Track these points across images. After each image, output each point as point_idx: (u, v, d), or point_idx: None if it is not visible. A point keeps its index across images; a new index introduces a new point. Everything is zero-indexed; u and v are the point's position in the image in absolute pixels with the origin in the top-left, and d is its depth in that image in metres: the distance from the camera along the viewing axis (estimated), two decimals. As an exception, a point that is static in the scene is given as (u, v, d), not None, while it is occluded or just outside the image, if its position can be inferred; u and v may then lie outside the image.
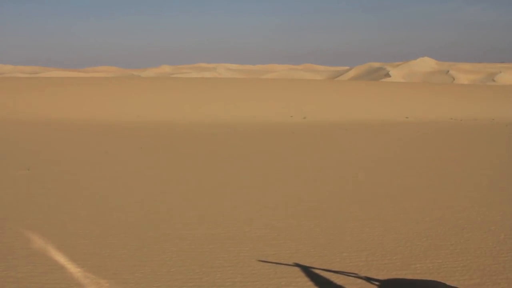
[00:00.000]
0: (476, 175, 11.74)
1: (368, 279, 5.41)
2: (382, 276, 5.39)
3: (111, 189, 10.12)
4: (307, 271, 5.69)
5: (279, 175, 11.85)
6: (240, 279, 5.36)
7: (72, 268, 5.61)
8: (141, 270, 5.59)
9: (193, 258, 6.00)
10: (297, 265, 5.89)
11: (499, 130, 24.59)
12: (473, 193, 9.57)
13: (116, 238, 6.77)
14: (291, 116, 28.50)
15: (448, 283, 5.19)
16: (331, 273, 5.44)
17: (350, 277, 5.35)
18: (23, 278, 5.36)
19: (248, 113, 30.85)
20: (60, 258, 5.92)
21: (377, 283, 5.31)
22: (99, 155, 14.98)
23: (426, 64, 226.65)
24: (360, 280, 5.28)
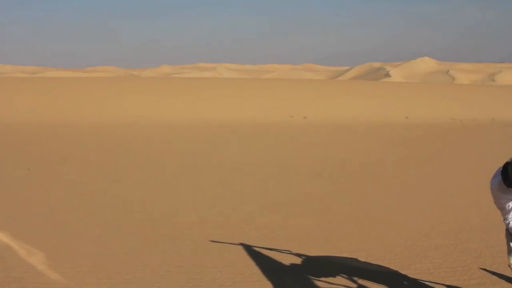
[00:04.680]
0: (476, 175, 11.74)
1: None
2: (382, 276, 5.39)
3: (111, 189, 10.12)
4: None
5: (279, 175, 11.85)
6: (240, 279, 5.36)
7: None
8: (141, 270, 5.59)
9: (193, 258, 6.00)
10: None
11: (499, 130, 24.59)
12: (473, 193, 9.57)
13: (116, 238, 6.77)
14: (291, 116, 28.49)
15: (448, 283, 5.19)
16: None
17: (353, 273, 5.35)
18: (23, 278, 5.35)
19: (248, 113, 30.84)
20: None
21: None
22: (100, 155, 14.98)
23: (426, 64, 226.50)
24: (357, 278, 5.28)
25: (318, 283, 5.22)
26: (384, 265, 5.77)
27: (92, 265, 5.74)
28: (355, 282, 5.22)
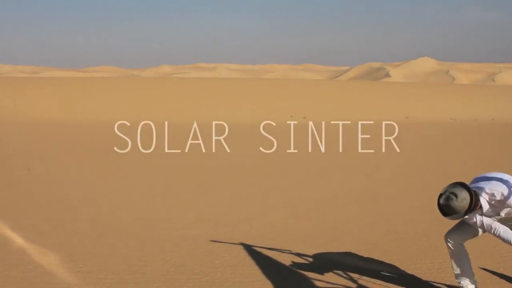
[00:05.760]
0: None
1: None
2: (383, 275, 5.39)
3: (111, 189, 10.13)
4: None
5: (279, 175, 11.86)
6: (240, 279, 5.36)
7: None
8: (141, 270, 5.59)
9: (193, 258, 6.00)
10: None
11: (499, 130, 24.59)
12: (473, 193, 9.56)
13: (116, 238, 6.77)
14: (291, 116, 28.50)
15: (448, 283, 5.19)
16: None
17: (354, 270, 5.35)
18: (23, 278, 5.35)
19: (248, 112, 30.85)
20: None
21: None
22: (99, 154, 14.98)
23: (426, 64, 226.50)
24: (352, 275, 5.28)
25: (318, 283, 5.22)
26: (384, 265, 5.78)
27: (92, 265, 5.74)
28: (355, 282, 5.22)
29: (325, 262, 5.82)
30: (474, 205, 4.18)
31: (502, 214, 4.38)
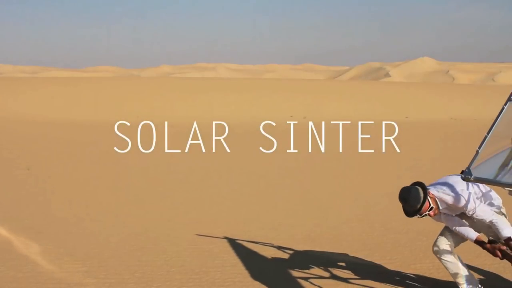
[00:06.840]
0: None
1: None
2: (383, 275, 5.39)
3: (111, 189, 10.13)
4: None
5: (279, 175, 11.86)
6: (240, 279, 5.36)
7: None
8: (141, 270, 5.59)
9: (193, 258, 6.00)
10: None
11: (499, 130, 24.55)
12: (473, 193, 9.55)
13: (116, 238, 6.77)
14: (291, 116, 28.50)
15: (447, 282, 5.19)
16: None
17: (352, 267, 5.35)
18: (23, 278, 5.35)
19: (247, 113, 30.85)
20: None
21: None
22: (99, 154, 14.98)
23: (426, 64, 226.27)
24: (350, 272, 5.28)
25: (318, 282, 5.22)
26: (384, 265, 5.78)
27: (92, 265, 5.74)
28: (355, 282, 5.22)
29: (325, 261, 5.82)
30: (424, 203, 4.63)
31: (469, 213, 4.50)
